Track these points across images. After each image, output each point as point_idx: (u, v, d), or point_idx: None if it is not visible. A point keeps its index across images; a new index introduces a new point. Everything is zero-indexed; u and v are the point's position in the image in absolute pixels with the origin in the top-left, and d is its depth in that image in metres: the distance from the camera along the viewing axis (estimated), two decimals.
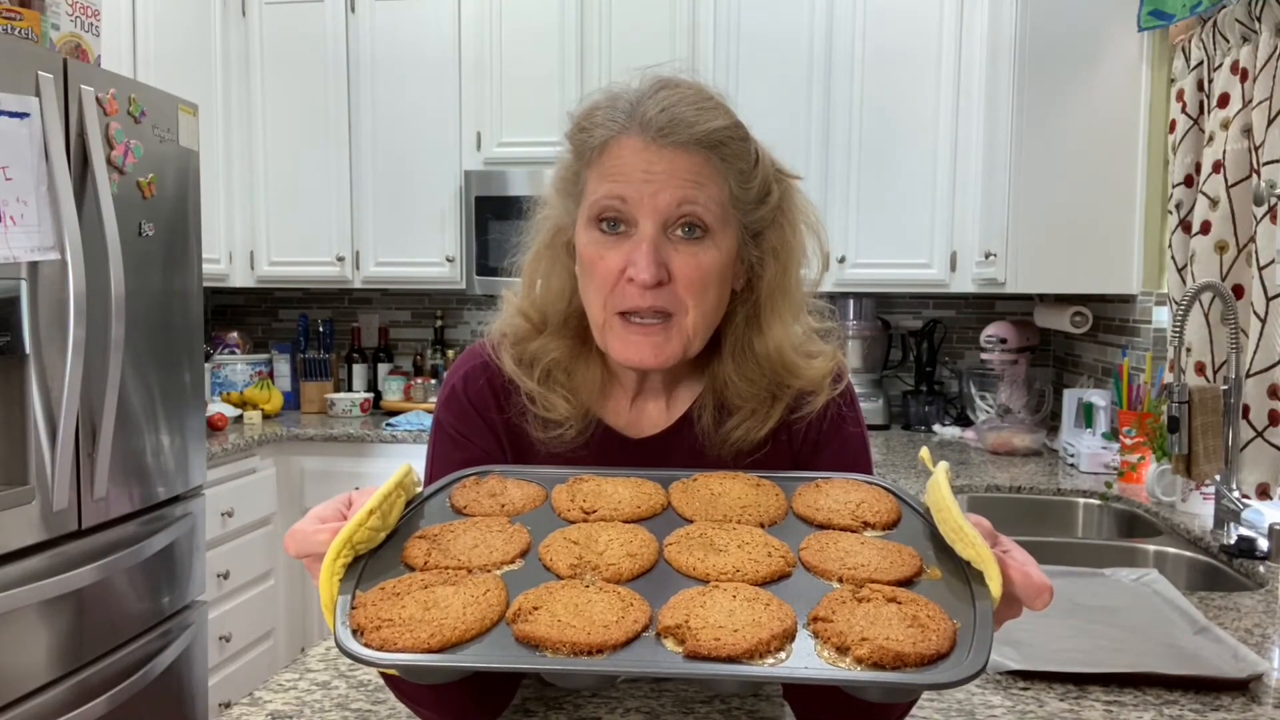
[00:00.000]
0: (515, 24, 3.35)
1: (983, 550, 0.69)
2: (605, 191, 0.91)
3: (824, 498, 0.83)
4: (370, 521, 0.73)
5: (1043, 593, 0.68)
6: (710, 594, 0.68)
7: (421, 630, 0.64)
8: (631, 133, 0.91)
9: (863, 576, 0.71)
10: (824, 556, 0.74)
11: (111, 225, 2.12)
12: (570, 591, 0.68)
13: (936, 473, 0.78)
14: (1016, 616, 0.71)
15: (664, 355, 0.92)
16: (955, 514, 0.73)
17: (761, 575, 0.72)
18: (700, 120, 0.90)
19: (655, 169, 0.89)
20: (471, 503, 0.83)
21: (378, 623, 0.65)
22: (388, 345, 3.81)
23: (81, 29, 2.30)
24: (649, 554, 0.75)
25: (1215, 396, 1.85)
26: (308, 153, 3.49)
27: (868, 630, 0.63)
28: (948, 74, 3.15)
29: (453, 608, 0.66)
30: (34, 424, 1.97)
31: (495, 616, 0.67)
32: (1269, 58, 1.93)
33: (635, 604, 0.67)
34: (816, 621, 0.65)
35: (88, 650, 2.11)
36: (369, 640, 0.64)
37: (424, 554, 0.74)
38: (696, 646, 0.62)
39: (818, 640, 0.64)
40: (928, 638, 0.62)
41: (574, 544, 0.75)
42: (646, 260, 0.89)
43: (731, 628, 0.64)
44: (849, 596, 0.67)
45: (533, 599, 0.68)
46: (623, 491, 0.84)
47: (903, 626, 0.63)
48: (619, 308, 0.92)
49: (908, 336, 3.55)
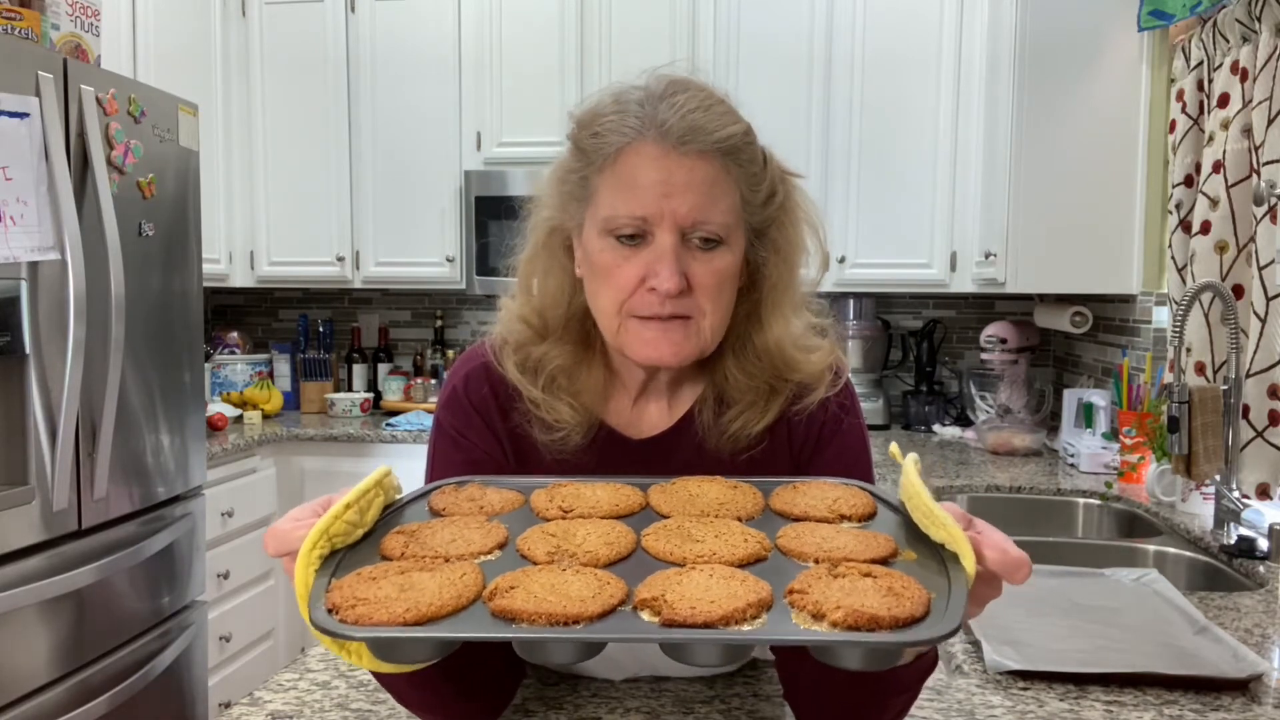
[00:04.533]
0: (515, 23, 3.35)
1: (954, 530, 0.69)
2: (625, 210, 0.90)
3: (801, 496, 0.84)
4: (347, 515, 0.74)
5: (1021, 566, 0.68)
6: (687, 573, 0.69)
7: (396, 606, 0.65)
8: (648, 139, 0.90)
9: (839, 557, 0.72)
10: (800, 542, 0.75)
11: (111, 225, 2.12)
12: (547, 573, 0.69)
13: (906, 464, 0.79)
14: (997, 595, 0.71)
15: (683, 354, 0.93)
16: (926, 499, 0.74)
17: (738, 558, 0.73)
18: (719, 126, 0.90)
19: (674, 179, 0.89)
20: (450, 505, 0.84)
21: (353, 601, 0.65)
22: (388, 345, 3.81)
23: (81, 29, 2.30)
24: (626, 543, 0.76)
25: (1215, 396, 1.85)
26: (308, 153, 3.49)
27: (843, 600, 0.64)
28: (948, 74, 3.15)
29: (428, 588, 0.67)
30: (34, 424, 1.97)
31: (472, 595, 0.67)
32: (1269, 58, 1.93)
33: (612, 582, 0.68)
34: (792, 594, 0.66)
35: (88, 650, 2.11)
36: (344, 617, 0.65)
37: (401, 546, 0.75)
38: (672, 615, 0.63)
39: (794, 610, 0.65)
40: (902, 604, 0.63)
41: (551, 536, 0.76)
42: (669, 271, 0.89)
43: (708, 599, 0.64)
44: (824, 573, 0.68)
45: (509, 579, 0.68)
46: (601, 494, 0.85)
47: (878, 596, 0.64)
48: (636, 312, 0.92)
49: (908, 336, 3.55)
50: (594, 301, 0.96)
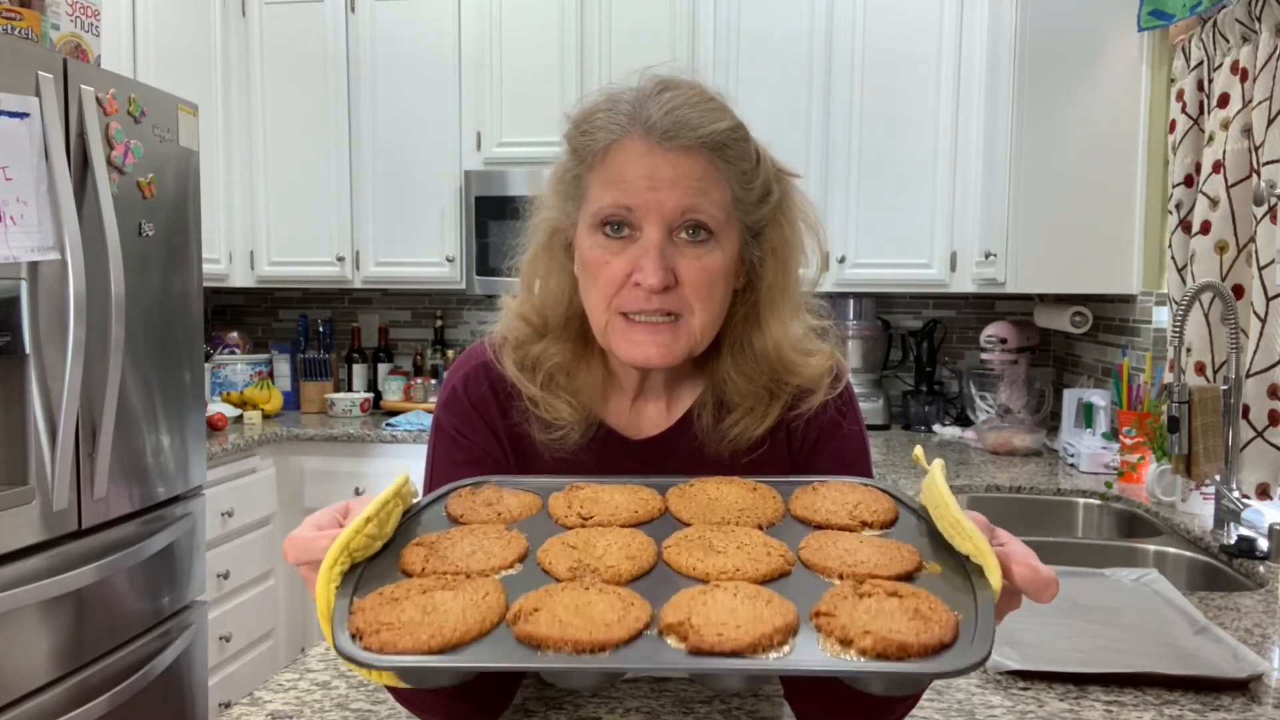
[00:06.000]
0: (515, 24, 3.35)
1: (980, 543, 0.69)
2: (611, 201, 0.90)
3: (821, 499, 0.83)
4: (367, 529, 0.73)
5: (1049, 586, 0.68)
6: (711, 592, 0.68)
7: (421, 632, 0.64)
8: (634, 136, 0.90)
9: (863, 572, 0.71)
10: (824, 555, 0.74)
11: (111, 225, 2.12)
12: (570, 593, 0.68)
13: (933, 470, 0.78)
14: (1017, 608, 0.71)
15: (670, 355, 0.93)
16: (953, 509, 0.73)
17: (761, 574, 0.71)
18: (704, 122, 0.90)
19: (660, 174, 0.89)
20: (468, 511, 0.83)
21: (376, 626, 0.65)
22: (388, 345, 3.81)
23: (81, 29, 2.30)
24: (648, 556, 0.75)
25: (1215, 396, 1.85)
26: (308, 153, 3.49)
27: (870, 623, 0.63)
28: (948, 75, 3.15)
29: (452, 611, 0.66)
30: (34, 424, 1.97)
31: (495, 618, 0.66)
32: (1269, 58, 1.93)
33: (636, 604, 0.67)
34: (819, 616, 0.65)
35: (88, 650, 2.11)
36: (368, 644, 0.64)
37: (421, 560, 0.74)
38: (699, 642, 0.62)
39: (821, 634, 0.64)
40: (930, 629, 0.62)
41: (572, 548, 0.75)
42: (654, 265, 0.89)
43: (734, 624, 0.63)
44: (850, 592, 0.67)
45: (533, 601, 0.67)
46: (619, 498, 0.84)
47: (905, 619, 0.63)
48: (623, 309, 0.92)
49: (908, 336, 3.55)
50: (586, 299, 0.96)
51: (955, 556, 0.72)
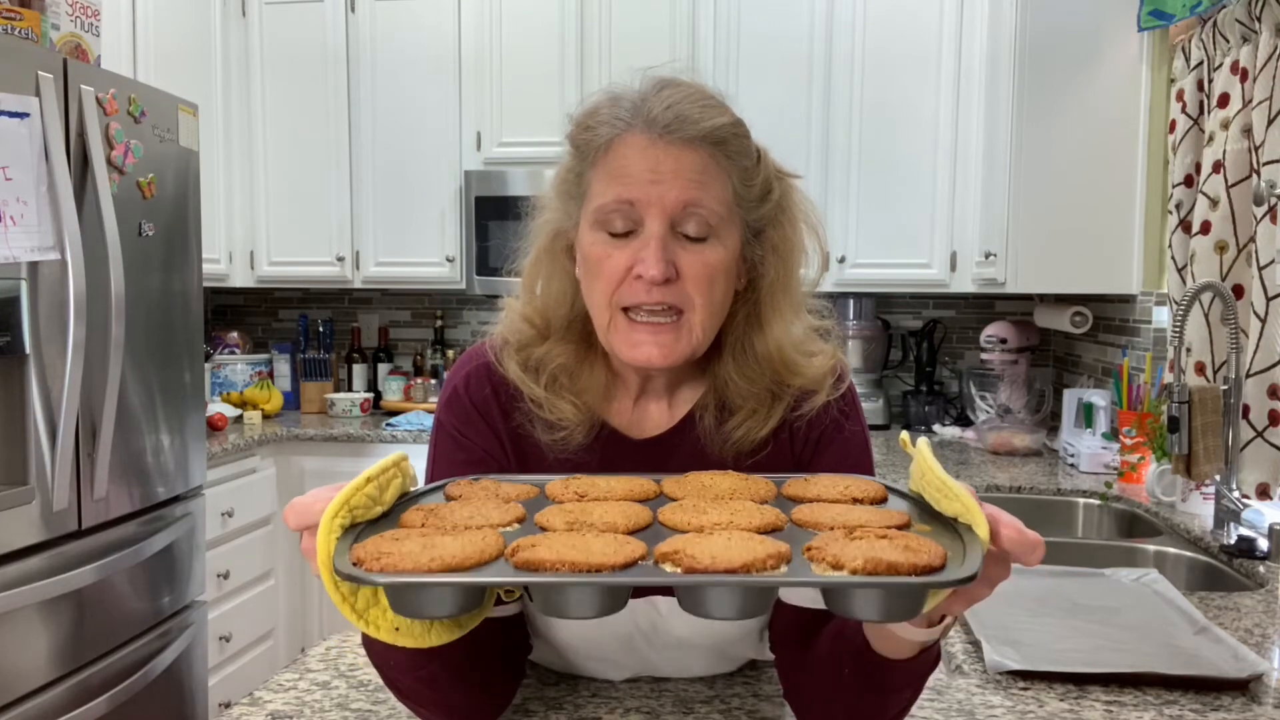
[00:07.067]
0: (515, 24, 3.35)
1: (968, 501, 0.70)
2: (613, 196, 0.91)
3: (812, 485, 0.85)
4: (368, 489, 0.74)
5: (1036, 547, 0.69)
6: (705, 535, 0.71)
7: (421, 557, 0.66)
8: (636, 130, 0.91)
9: (853, 523, 0.73)
10: (815, 515, 0.77)
11: (111, 225, 2.12)
12: (568, 534, 0.71)
13: (919, 445, 0.80)
14: (1006, 577, 0.71)
15: (672, 355, 0.93)
16: (939, 472, 0.75)
17: (755, 526, 0.74)
18: (704, 117, 0.91)
19: (661, 168, 0.90)
20: (466, 493, 0.85)
21: (377, 554, 0.66)
22: (388, 345, 3.81)
23: (81, 29, 2.30)
24: (643, 518, 0.77)
25: (1215, 396, 1.85)
26: (308, 153, 3.49)
27: (862, 553, 0.65)
28: (948, 74, 3.15)
29: (451, 546, 0.68)
30: (34, 424, 1.97)
31: (494, 554, 0.68)
32: (1269, 58, 1.93)
33: (632, 542, 0.70)
34: (811, 549, 0.68)
35: (88, 650, 2.11)
36: (369, 568, 0.66)
37: (421, 519, 0.76)
38: (693, 564, 0.65)
39: (813, 562, 0.67)
40: (919, 556, 0.65)
41: (569, 513, 0.77)
42: (655, 257, 0.89)
43: (728, 554, 0.66)
44: (841, 535, 0.70)
45: (531, 539, 0.70)
46: (615, 482, 0.86)
47: (896, 550, 0.65)
48: (625, 303, 0.92)
49: (908, 336, 3.55)
50: (588, 298, 0.96)
51: (945, 521, 0.74)
